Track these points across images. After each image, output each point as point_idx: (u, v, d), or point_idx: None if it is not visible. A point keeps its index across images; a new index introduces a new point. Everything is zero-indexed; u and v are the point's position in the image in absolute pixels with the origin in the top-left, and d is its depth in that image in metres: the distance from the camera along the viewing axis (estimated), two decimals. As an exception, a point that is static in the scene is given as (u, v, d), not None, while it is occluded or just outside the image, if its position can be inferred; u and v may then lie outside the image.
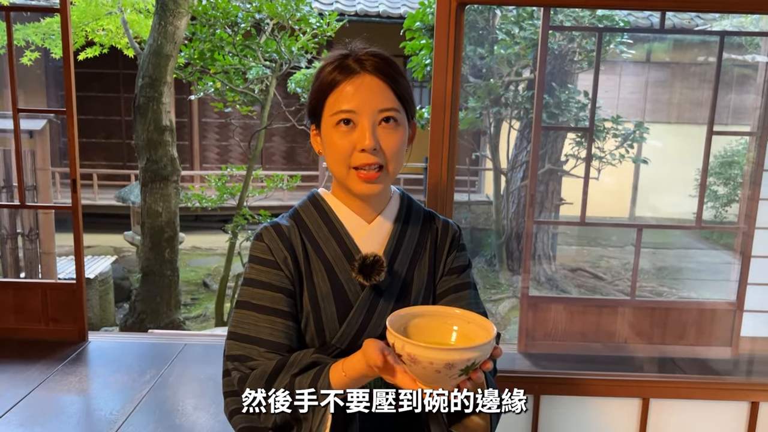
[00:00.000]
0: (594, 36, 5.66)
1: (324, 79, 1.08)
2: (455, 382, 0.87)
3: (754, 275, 3.27)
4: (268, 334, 1.08)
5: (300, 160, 10.20)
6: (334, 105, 1.06)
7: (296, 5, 4.87)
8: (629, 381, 2.11)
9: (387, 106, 1.05)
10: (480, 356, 0.84)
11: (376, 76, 1.06)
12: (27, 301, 3.31)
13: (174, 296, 5.06)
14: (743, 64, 6.22)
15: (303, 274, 1.12)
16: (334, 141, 1.06)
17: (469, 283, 1.21)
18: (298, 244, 1.13)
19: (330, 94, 1.06)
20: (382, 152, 1.06)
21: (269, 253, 1.12)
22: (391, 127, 1.07)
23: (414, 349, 0.83)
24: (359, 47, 1.10)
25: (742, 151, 6.45)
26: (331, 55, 1.10)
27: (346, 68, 1.06)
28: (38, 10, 6.00)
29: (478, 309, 1.20)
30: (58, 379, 2.89)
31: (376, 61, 1.07)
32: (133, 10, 5.90)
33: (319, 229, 1.15)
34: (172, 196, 4.94)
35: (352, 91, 1.05)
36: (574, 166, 5.98)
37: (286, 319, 1.09)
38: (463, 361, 0.83)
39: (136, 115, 4.82)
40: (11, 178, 4.09)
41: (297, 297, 1.12)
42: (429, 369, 0.83)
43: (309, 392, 0.99)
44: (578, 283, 6.37)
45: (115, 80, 9.33)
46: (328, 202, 1.17)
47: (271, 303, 1.09)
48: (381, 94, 1.05)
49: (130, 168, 9.51)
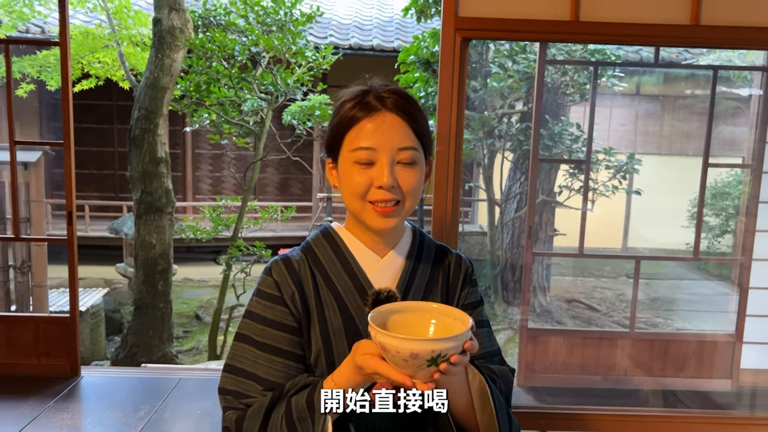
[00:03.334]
0: (585, 69, 5.75)
1: (344, 114, 1.07)
2: (426, 373, 0.88)
3: (752, 307, 3.28)
4: (265, 372, 1.07)
5: (293, 191, 10.20)
6: (354, 141, 1.05)
7: (293, 39, 4.93)
8: (636, 416, 2.08)
9: (406, 145, 1.05)
10: (445, 348, 0.86)
11: (397, 114, 1.06)
12: (19, 335, 3.25)
13: (167, 329, 4.99)
14: (732, 97, 6.33)
15: (313, 309, 1.11)
16: (352, 176, 1.06)
17: (483, 321, 1.20)
18: (308, 278, 1.12)
19: (350, 130, 1.06)
20: (399, 189, 1.06)
21: (276, 289, 1.11)
22: (409, 165, 1.07)
23: (384, 338, 0.88)
24: (379, 84, 1.10)
25: (734, 182, 6.53)
26: (351, 91, 1.10)
27: (367, 105, 1.06)
28: (38, 44, 6.05)
29: (491, 347, 1.19)
30: (51, 415, 2.82)
31: (397, 99, 1.07)
32: (129, 43, 5.94)
33: (331, 262, 1.14)
34: (166, 227, 4.91)
35: (372, 128, 1.05)
36: (567, 198, 6.02)
37: (286, 358, 1.08)
38: (427, 351, 0.85)
39: (131, 146, 4.81)
40: (4, 210, 4.05)
41: (304, 333, 1.10)
42: (397, 358, 0.87)
43: (305, 406, 1.00)
44: (573, 315, 6.36)
45: (109, 112, 9.35)
46: (341, 236, 1.16)
47: (273, 341, 1.08)
48: (400, 132, 1.05)
49: (122, 199, 9.47)
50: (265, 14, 4.93)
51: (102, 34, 6.00)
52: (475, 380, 1.07)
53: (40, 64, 6.28)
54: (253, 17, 4.96)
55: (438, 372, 0.88)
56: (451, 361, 0.88)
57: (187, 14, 4.90)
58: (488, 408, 1.06)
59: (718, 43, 1.90)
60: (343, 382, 0.98)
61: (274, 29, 4.98)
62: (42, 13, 6.10)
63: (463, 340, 0.89)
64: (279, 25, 4.97)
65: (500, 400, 1.08)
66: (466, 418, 1.07)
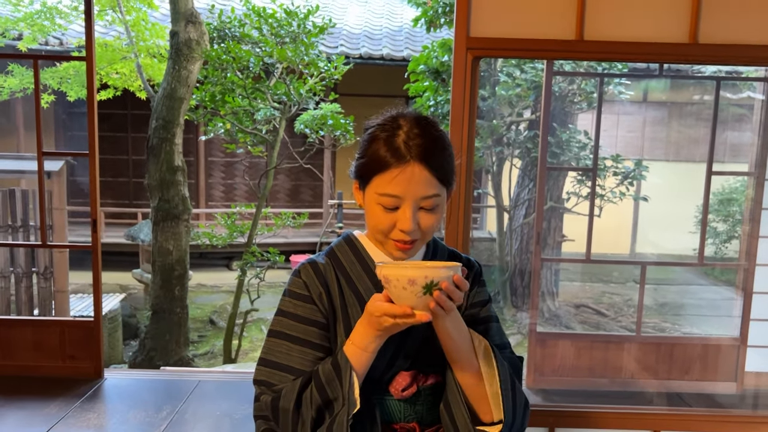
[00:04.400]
0: (593, 78, 5.83)
1: (375, 154, 1.14)
2: (424, 302, 1.01)
3: (756, 311, 3.35)
4: (298, 363, 1.18)
5: (304, 197, 10.33)
6: (381, 185, 1.13)
7: (305, 50, 5.05)
8: (640, 414, 2.17)
9: (430, 194, 1.13)
10: (437, 276, 1.00)
11: (424, 165, 1.11)
12: (45, 339, 3.37)
13: (183, 333, 5.11)
14: (738, 103, 6.39)
15: (338, 308, 1.22)
16: (377, 214, 1.15)
17: (492, 316, 1.31)
18: (333, 280, 1.23)
19: (378, 173, 1.13)
20: (419, 230, 1.16)
21: (305, 289, 1.22)
22: (430, 210, 1.15)
23: (386, 269, 1.02)
24: (410, 120, 1.15)
25: (741, 188, 6.59)
26: (384, 123, 1.16)
27: (397, 152, 1.11)
28: (65, 59, 6.19)
29: (501, 340, 1.29)
30: (77, 415, 2.93)
31: (426, 148, 1.12)
32: (147, 55, 6.09)
33: (352, 266, 1.25)
34: (182, 234, 5.04)
35: (400, 179, 1.11)
36: (575, 204, 6.11)
37: (316, 350, 1.19)
38: (422, 277, 0.99)
39: (149, 155, 4.95)
40: (28, 218, 4.19)
41: (330, 328, 1.21)
42: (398, 287, 1.01)
43: (331, 368, 1.11)
44: (582, 320, 6.43)
45: (124, 120, 9.52)
46: (362, 243, 1.27)
47: (304, 335, 1.19)
48: (426, 183, 1.12)
49: (137, 206, 9.63)
50: (279, 26, 5.06)
51: (120, 46, 6.16)
52: (481, 345, 1.17)
53: (61, 76, 6.45)
54: (267, 29, 5.09)
55: (433, 302, 1.01)
56: (441, 287, 1.00)
57: (203, 27, 5.04)
58: (494, 380, 1.15)
59: (716, 60, 1.99)
60: (359, 338, 1.11)
61: (288, 41, 5.11)
62: (62, 26, 6.27)
63: (453, 272, 1.02)
64: (292, 36, 5.10)
65: (504, 365, 1.17)
66: (477, 398, 1.17)
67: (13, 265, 4.17)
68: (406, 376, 1.23)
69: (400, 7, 10.56)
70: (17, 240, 4.14)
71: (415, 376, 1.23)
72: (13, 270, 4.17)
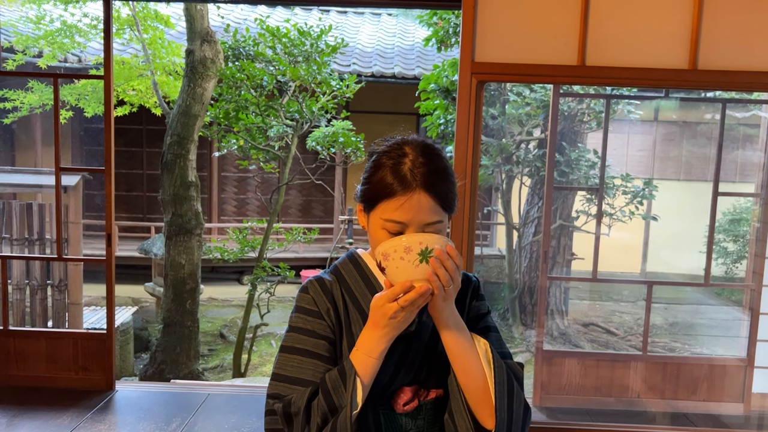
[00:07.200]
0: (600, 98, 5.88)
1: (380, 180, 1.17)
2: (421, 271, 1.07)
3: (763, 332, 3.35)
4: (311, 375, 1.22)
5: (315, 213, 10.40)
6: (386, 212, 1.16)
7: (318, 69, 5.14)
8: (642, 433, 2.19)
9: (434, 220, 1.16)
10: (431, 241, 1.07)
11: (428, 194, 1.15)
12: (59, 350, 3.44)
13: (194, 347, 5.17)
14: (747, 123, 6.40)
15: (343, 323, 1.26)
16: (382, 237, 1.18)
17: (491, 326, 1.34)
18: (339, 296, 1.28)
19: (384, 200, 1.16)
20: None
21: (314, 305, 1.27)
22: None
23: (382, 246, 1.09)
24: (416, 147, 1.19)
25: (750, 208, 6.58)
26: (389, 150, 1.20)
27: (403, 180, 1.15)
28: (83, 77, 6.36)
29: (501, 349, 1.33)
30: (88, 426, 2.99)
31: (430, 177, 1.16)
32: (163, 72, 6.21)
33: (356, 283, 1.30)
34: (194, 248, 5.11)
35: (405, 207, 1.15)
36: (585, 222, 6.12)
37: (327, 363, 1.23)
38: (416, 243, 1.06)
39: (163, 171, 5.04)
40: (44, 231, 4.28)
41: (337, 344, 1.26)
42: (395, 258, 1.07)
43: (337, 375, 1.16)
44: (591, 338, 6.41)
45: (139, 136, 9.67)
46: (366, 261, 1.32)
47: (314, 348, 1.24)
48: (430, 210, 1.16)
49: (150, 220, 9.74)
50: (292, 45, 5.16)
51: (137, 63, 6.29)
52: (480, 343, 1.21)
53: (79, 92, 6.59)
54: (280, 48, 5.19)
55: (430, 270, 1.06)
56: (435, 254, 1.06)
57: (218, 45, 5.15)
58: (491, 380, 1.18)
59: (716, 86, 2.04)
60: (364, 343, 1.15)
61: (301, 60, 5.21)
62: (81, 43, 6.42)
63: (445, 240, 1.09)
64: (305, 55, 5.20)
65: (502, 367, 1.20)
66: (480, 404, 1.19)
67: (29, 278, 4.26)
68: (408, 391, 1.27)
69: (412, 27, 10.69)
70: (33, 253, 4.23)
71: (417, 390, 1.27)
72: (28, 282, 4.26)
